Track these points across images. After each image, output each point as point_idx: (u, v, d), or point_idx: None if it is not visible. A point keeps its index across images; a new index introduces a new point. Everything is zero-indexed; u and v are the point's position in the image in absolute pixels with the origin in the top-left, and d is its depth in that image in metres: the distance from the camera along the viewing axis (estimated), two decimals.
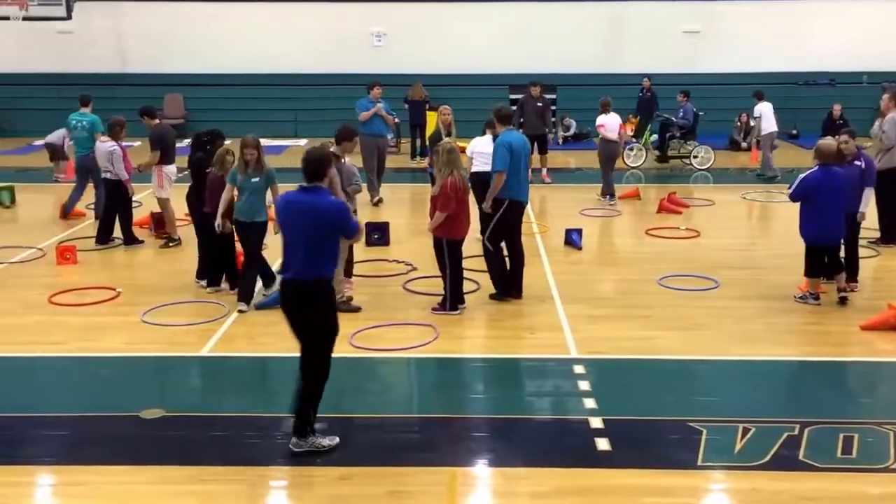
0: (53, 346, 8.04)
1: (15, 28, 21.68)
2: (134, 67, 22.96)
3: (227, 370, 7.70)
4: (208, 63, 22.73)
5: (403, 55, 22.56)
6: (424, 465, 5.85)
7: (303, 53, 22.66)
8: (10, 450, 6.16)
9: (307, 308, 5.91)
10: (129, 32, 23.24)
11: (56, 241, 11.72)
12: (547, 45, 22.59)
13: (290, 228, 5.96)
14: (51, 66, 22.89)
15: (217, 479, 5.68)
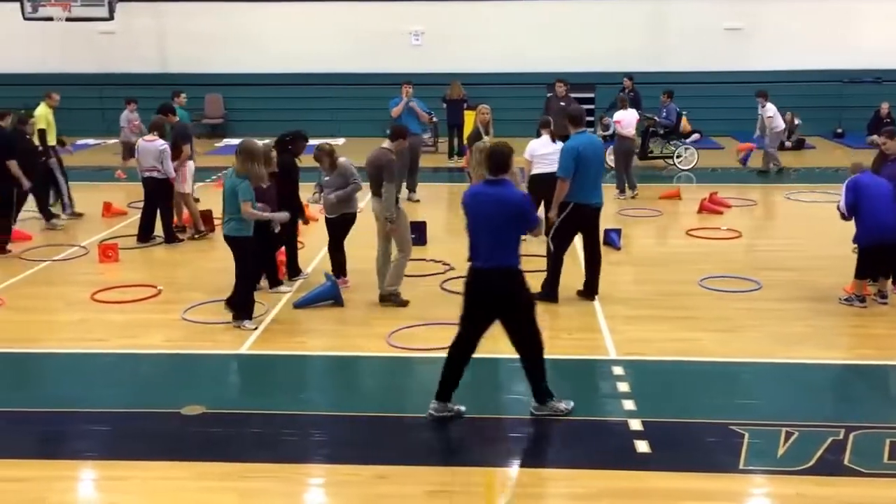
0: (96, 342, 8.14)
1: (58, 29, 22.02)
2: (175, 68, 23.17)
3: (265, 368, 7.74)
4: (248, 63, 22.89)
5: (441, 54, 22.55)
6: (462, 465, 5.84)
7: (341, 53, 22.74)
8: (54, 444, 6.26)
9: (503, 291, 6.26)
10: (170, 33, 23.48)
11: (98, 239, 11.87)
12: (586, 43, 22.44)
13: (477, 219, 6.27)
14: (93, 66, 23.18)
15: (256, 475, 5.71)
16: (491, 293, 6.27)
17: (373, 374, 7.62)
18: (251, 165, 8.28)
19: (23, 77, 23.00)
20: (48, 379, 7.53)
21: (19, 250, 11.30)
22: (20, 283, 9.99)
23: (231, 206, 8.28)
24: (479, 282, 6.25)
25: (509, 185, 6.30)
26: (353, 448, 6.13)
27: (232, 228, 8.31)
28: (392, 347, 7.92)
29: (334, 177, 9.35)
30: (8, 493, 5.46)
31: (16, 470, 5.77)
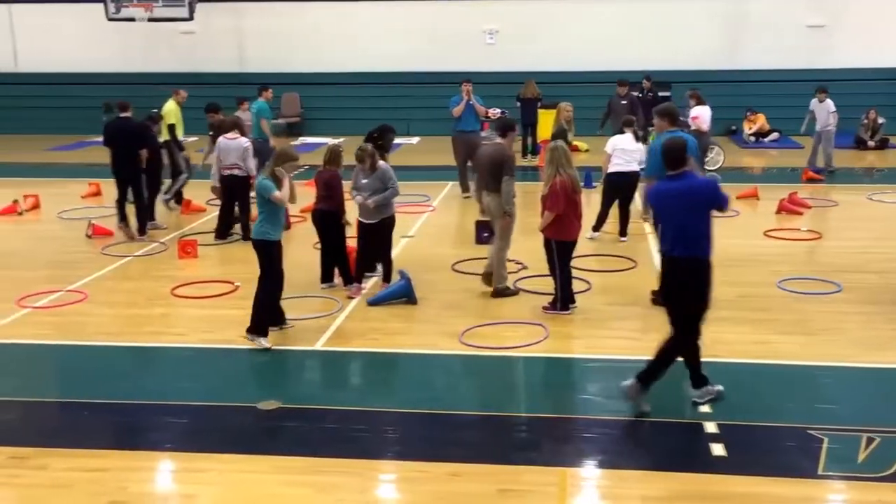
0: (176, 336, 8.34)
1: (140, 29, 22.60)
2: (252, 67, 23.57)
3: (339, 364, 7.84)
4: (324, 62, 23.16)
5: (516, 53, 22.50)
6: (534, 464, 5.82)
7: (416, 52, 22.85)
8: (135, 435, 6.44)
9: (692, 285, 6.47)
10: (248, 33, 23.90)
11: (177, 235, 12.14)
12: (662, 40, 22.14)
13: (667, 212, 6.59)
14: (173, 65, 23.72)
15: (331, 470, 5.78)
16: (678, 280, 6.50)
17: (445, 371, 7.64)
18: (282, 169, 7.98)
19: (106, 76, 23.71)
20: (130, 371, 7.73)
21: (102, 246, 11.62)
22: (103, 278, 10.28)
23: (259, 209, 8.09)
24: (671, 270, 6.55)
25: (692, 174, 6.55)
26: (426, 445, 6.16)
27: (258, 231, 8.00)
28: (464, 346, 7.93)
29: (372, 179, 9.21)
30: (90, 483, 5.63)
31: (98, 460, 5.94)
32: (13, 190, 14.76)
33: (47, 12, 23.99)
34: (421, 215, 13.39)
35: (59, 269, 10.55)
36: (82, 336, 8.37)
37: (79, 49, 23.76)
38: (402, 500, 5.59)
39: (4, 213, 13.74)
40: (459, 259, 10.66)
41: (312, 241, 11.44)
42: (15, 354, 8.04)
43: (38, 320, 8.82)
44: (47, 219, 13.63)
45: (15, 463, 5.87)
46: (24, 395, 7.11)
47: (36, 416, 6.84)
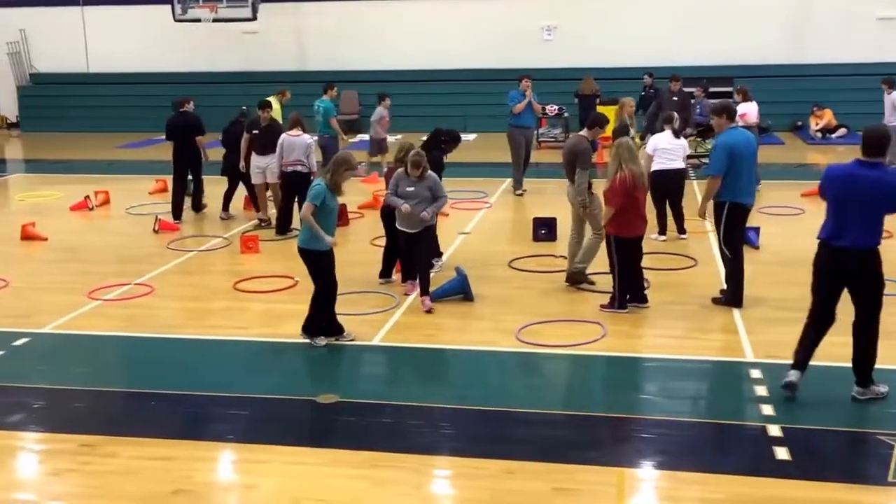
0: (238, 330, 8.50)
1: (204, 30, 23.02)
2: (312, 65, 23.85)
3: (396, 360, 7.91)
4: (383, 60, 23.32)
5: (573, 49, 22.38)
6: (591, 463, 5.81)
7: (473, 49, 22.89)
8: (198, 426, 6.59)
9: (861, 269, 6.41)
10: (309, 32, 24.19)
11: (240, 230, 12.35)
12: (723, 35, 21.82)
13: (845, 199, 6.38)
14: (235, 65, 24.12)
15: (387, 464, 5.85)
16: (847, 270, 6.43)
17: (501, 368, 7.67)
18: (331, 175, 7.82)
19: (172, 76, 24.22)
20: (194, 363, 7.90)
21: (167, 241, 11.89)
22: (168, 272, 10.52)
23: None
24: (839, 260, 6.43)
25: (884, 167, 6.38)
26: (481, 442, 6.19)
27: (304, 239, 7.83)
28: (521, 343, 7.94)
29: (420, 187, 8.72)
30: (157, 471, 5.79)
31: (164, 449, 6.10)
32: (85, 186, 15.18)
33: (117, 15, 24.59)
34: (477, 212, 13.41)
35: (127, 263, 10.83)
36: (149, 328, 8.59)
37: (146, 50, 24.30)
38: (458, 496, 5.63)
39: (76, 208, 14.14)
40: (516, 256, 10.67)
41: (370, 237, 11.60)
42: (85, 345, 8.28)
43: (107, 312, 9.07)
44: (116, 214, 13.98)
45: (85, 450, 6.06)
46: (93, 384, 7.33)
47: (105, 404, 7.05)
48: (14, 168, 20.20)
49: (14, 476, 5.99)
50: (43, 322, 8.69)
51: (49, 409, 6.91)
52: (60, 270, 10.66)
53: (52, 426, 6.55)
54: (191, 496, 5.51)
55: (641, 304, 8.77)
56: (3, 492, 5.68)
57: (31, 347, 8.14)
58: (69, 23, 24.92)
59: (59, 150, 21.40)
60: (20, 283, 10.03)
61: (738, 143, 8.57)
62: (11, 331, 8.45)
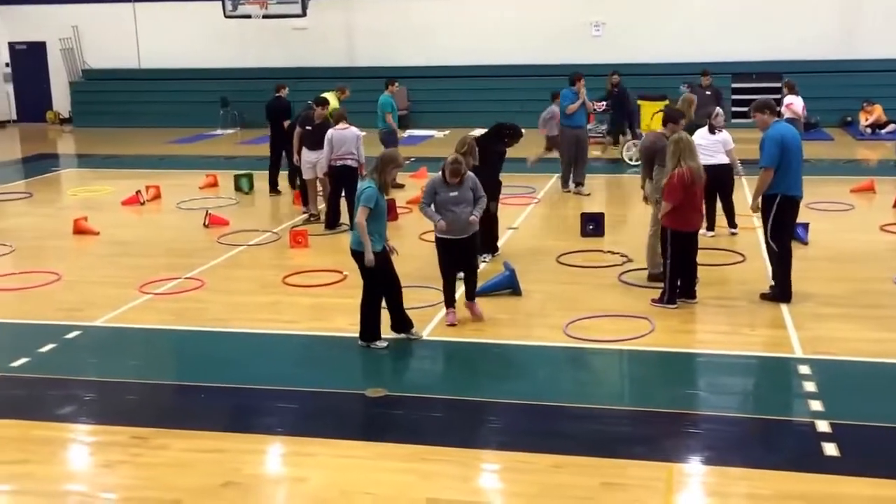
0: (287, 324, 8.58)
1: (254, 26, 23.25)
2: (361, 61, 23.96)
3: (444, 354, 7.93)
4: (431, 56, 23.36)
5: (622, 45, 22.20)
6: (639, 458, 5.77)
7: (522, 44, 22.81)
8: (248, 419, 6.67)
9: None
10: (358, 27, 24.32)
11: (289, 225, 12.46)
12: (773, 30, 21.49)
13: None
14: (285, 61, 24.31)
15: (435, 458, 5.87)
16: None
17: (549, 363, 7.65)
18: (379, 175, 7.69)
19: (222, 72, 24.51)
20: (243, 357, 7.97)
21: (217, 235, 12.04)
22: (218, 266, 10.65)
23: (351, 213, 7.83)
24: None
25: None
26: (529, 436, 6.19)
27: (356, 241, 7.70)
28: (569, 338, 7.92)
29: (463, 191, 8.20)
30: (209, 464, 5.87)
31: (214, 441, 6.18)
32: (136, 181, 15.44)
33: (168, 11, 24.95)
34: (525, 207, 13.39)
35: (177, 258, 10.99)
36: (199, 322, 8.71)
37: (197, 46, 24.62)
38: (506, 490, 5.63)
39: (128, 203, 14.38)
40: (564, 251, 10.63)
41: (418, 231, 11.64)
42: (136, 338, 8.43)
43: (158, 306, 9.22)
44: (167, 209, 14.20)
45: (137, 442, 6.17)
46: (144, 377, 7.45)
47: (156, 397, 7.17)
48: (67, 163, 20.61)
49: (67, 468, 6.13)
50: (95, 315, 8.85)
51: (101, 401, 7.04)
52: (112, 264, 10.85)
53: (104, 418, 6.66)
54: (240, 488, 5.59)
55: (690, 300, 8.69)
56: (56, 483, 5.80)
57: (83, 340, 8.30)
58: (121, 19, 25.36)
59: (110, 145, 21.78)
60: (73, 276, 10.23)
61: (787, 135, 8.50)
62: (64, 324, 8.62)
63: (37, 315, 8.94)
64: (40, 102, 26.49)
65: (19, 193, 15.79)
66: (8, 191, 15.97)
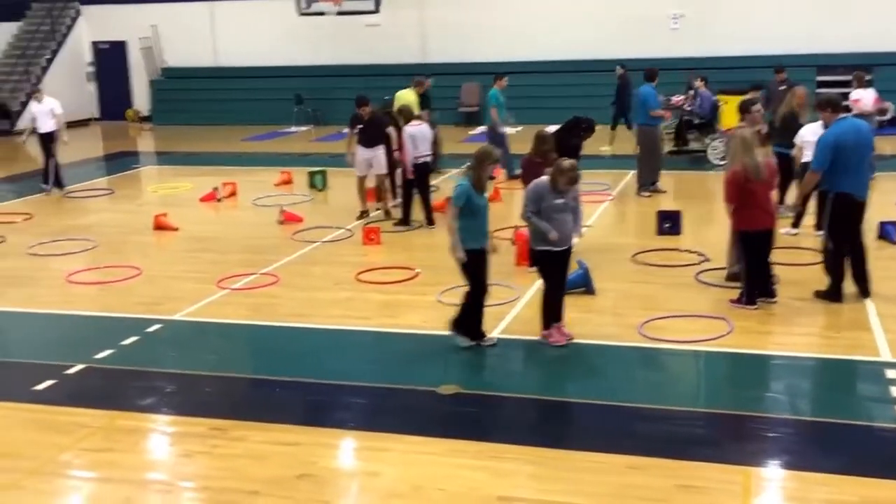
0: (360, 320, 8.64)
1: (328, 23, 23.46)
2: (434, 58, 23.99)
3: (516, 352, 7.89)
4: (504, 51, 23.23)
5: (701, 38, 21.79)
6: (715, 461, 5.67)
7: (596, 38, 22.56)
8: (322, 413, 6.74)
9: None
10: (431, 24, 24.35)
11: (362, 222, 12.56)
12: (858, 21, 20.85)
13: None
14: (358, 58, 24.51)
15: (506, 456, 5.85)
16: None
17: (623, 363, 7.56)
18: (474, 171, 7.55)
19: (297, 69, 24.81)
20: (317, 352, 8.08)
21: (291, 232, 12.19)
22: (293, 263, 10.78)
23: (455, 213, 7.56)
24: None
25: None
26: (603, 436, 6.14)
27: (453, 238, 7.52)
28: (643, 338, 7.81)
29: (569, 198, 7.69)
30: (284, 456, 5.95)
31: (290, 434, 6.26)
32: (213, 178, 15.73)
33: (244, 9, 25.36)
34: (600, 204, 13.24)
35: (253, 254, 11.16)
36: (274, 317, 8.83)
37: (272, 43, 24.96)
38: (578, 490, 5.56)
39: (205, 199, 14.66)
40: (639, 249, 10.49)
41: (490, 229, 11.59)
42: (214, 332, 8.59)
43: (234, 301, 9.38)
44: (243, 205, 14.44)
45: (215, 434, 6.29)
46: (222, 370, 7.60)
47: (233, 390, 7.30)
48: (146, 160, 21.11)
49: (147, 457, 6.29)
50: (174, 309, 9.05)
51: (180, 393, 7.20)
52: (191, 260, 11.08)
53: (184, 410, 6.82)
54: (315, 481, 5.65)
55: (769, 300, 8.50)
56: (139, 472, 5.95)
57: (164, 333, 8.49)
58: (198, 18, 25.86)
59: (188, 142, 22.24)
60: (153, 271, 10.48)
61: (843, 136, 8.32)
62: (145, 317, 8.83)
63: (120, 308, 9.18)
64: (121, 100, 27.20)
65: (102, 190, 16.23)
66: (91, 187, 16.42)
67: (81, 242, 11.94)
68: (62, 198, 15.42)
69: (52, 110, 15.35)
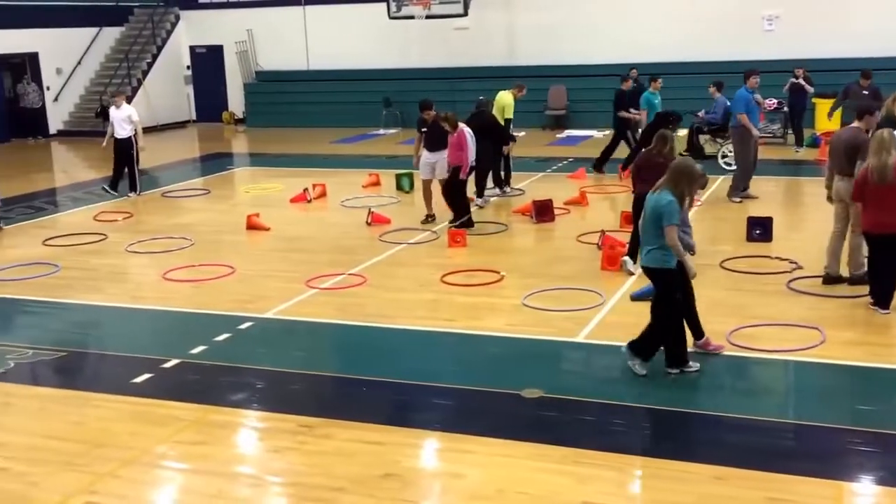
0: (445, 322, 8.70)
1: (417, 26, 23.68)
2: (522, 60, 23.96)
3: (601, 357, 7.84)
4: (591, 54, 23.08)
5: (797, 40, 21.22)
6: (807, 474, 5.54)
7: (688, 40, 22.20)
8: (407, 413, 6.84)
9: None
10: (519, 26, 24.34)
11: (448, 225, 12.62)
12: None
13: None
14: (446, 61, 24.64)
15: (590, 462, 5.83)
16: None
17: (711, 371, 7.42)
18: (684, 188, 6.94)
19: (385, 72, 25.09)
20: (402, 353, 8.17)
21: (379, 233, 12.35)
22: (380, 264, 10.92)
23: (652, 231, 6.98)
24: None
25: None
26: (689, 445, 6.07)
27: (652, 258, 7.04)
28: (732, 346, 7.67)
29: (686, 210, 7.34)
30: (370, 455, 6.05)
31: (375, 433, 6.36)
32: (303, 179, 16.04)
33: (335, 13, 25.78)
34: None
35: (341, 254, 11.34)
36: (361, 317, 8.96)
37: (362, 47, 25.30)
38: (663, 499, 5.50)
39: (296, 200, 14.96)
40: (729, 256, 10.30)
41: (576, 233, 11.59)
42: (303, 330, 8.76)
43: (323, 300, 9.56)
44: (332, 206, 14.67)
45: (303, 430, 6.43)
46: (309, 368, 7.76)
47: (320, 388, 7.45)
48: (240, 161, 21.63)
49: (238, 451, 6.46)
50: (265, 307, 9.27)
51: (270, 389, 7.37)
52: (281, 259, 11.33)
53: (273, 406, 6.98)
54: (400, 480, 5.73)
55: (881, 310, 8.24)
56: (229, 465, 6.12)
57: (255, 331, 8.71)
58: (291, 22, 26.38)
59: (279, 144, 22.70)
60: (246, 270, 10.75)
61: None
62: (238, 314, 9.08)
63: (213, 306, 9.45)
64: (217, 103, 27.94)
65: (198, 190, 16.71)
66: (188, 187, 16.93)
67: (178, 241, 12.33)
68: (160, 197, 15.96)
69: (130, 116, 15.55)
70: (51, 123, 25.62)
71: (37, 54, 25.04)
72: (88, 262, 11.47)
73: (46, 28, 24.67)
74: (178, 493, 5.87)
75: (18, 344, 8.43)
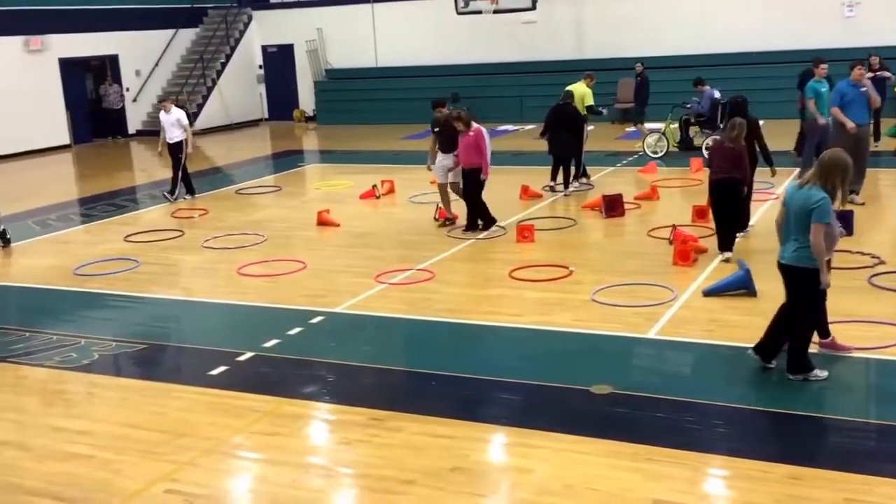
0: (513, 317, 8.69)
1: (485, 21, 23.64)
2: (590, 53, 23.77)
3: (672, 354, 7.75)
4: (662, 45, 22.76)
5: (878, 27, 20.59)
6: (888, 476, 5.38)
7: (763, 29, 21.74)
8: (476, 408, 6.84)
9: None
10: (587, 20, 24.15)
11: (516, 220, 12.60)
12: None
13: None
14: (513, 55, 24.57)
15: (662, 459, 5.76)
16: None
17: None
18: (836, 182, 6.52)
19: (453, 68, 25.14)
20: (471, 347, 8.19)
21: (446, 229, 12.38)
22: (448, 259, 10.95)
23: (799, 226, 6.59)
24: None
25: None
26: (765, 444, 5.95)
27: (793, 256, 6.67)
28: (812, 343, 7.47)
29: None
30: (439, 448, 6.08)
31: (444, 427, 6.39)
32: (372, 175, 16.19)
33: (404, 10, 25.92)
34: (763, 203, 12.76)
35: (409, 250, 11.41)
36: (429, 312, 9.00)
37: (430, 43, 25.40)
38: (736, 498, 5.42)
39: (365, 196, 15.09)
40: None
41: (646, 228, 11.47)
42: (373, 325, 8.85)
43: (391, 295, 9.62)
44: (400, 202, 14.78)
45: (374, 423, 6.50)
46: (379, 362, 7.81)
47: (390, 381, 7.51)
48: (310, 158, 21.92)
49: (309, 442, 6.56)
50: (336, 302, 9.38)
51: (340, 382, 7.46)
52: (351, 255, 11.44)
53: (344, 399, 7.06)
54: (469, 474, 5.74)
55: None
56: (302, 456, 6.22)
57: (325, 325, 8.81)
58: (360, 20, 26.62)
59: (349, 141, 22.92)
60: (317, 265, 10.89)
61: None
62: (309, 309, 9.20)
63: (286, 300, 9.59)
64: (288, 101, 28.35)
65: (270, 187, 16.99)
66: (261, 184, 17.22)
67: (251, 237, 12.54)
68: (234, 194, 16.26)
69: (179, 120, 15.51)
70: (130, 124, 26.33)
71: (117, 56, 25.78)
72: (167, 257, 11.76)
73: (126, 31, 25.37)
74: (254, 482, 5.98)
75: (102, 336, 8.69)
